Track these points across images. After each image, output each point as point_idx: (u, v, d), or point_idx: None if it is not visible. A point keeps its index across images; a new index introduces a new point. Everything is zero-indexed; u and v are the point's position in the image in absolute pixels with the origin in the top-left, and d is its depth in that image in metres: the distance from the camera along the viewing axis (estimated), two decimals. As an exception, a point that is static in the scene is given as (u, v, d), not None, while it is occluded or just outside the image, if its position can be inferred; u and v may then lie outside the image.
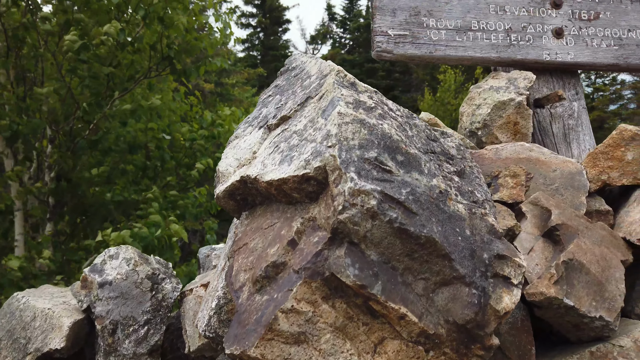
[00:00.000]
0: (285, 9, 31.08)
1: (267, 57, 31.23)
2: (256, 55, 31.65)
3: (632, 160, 1.65)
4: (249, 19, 31.28)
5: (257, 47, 31.70)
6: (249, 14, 30.98)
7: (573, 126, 2.23)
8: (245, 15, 30.95)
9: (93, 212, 6.79)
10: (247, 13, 30.91)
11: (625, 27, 2.33)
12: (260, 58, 31.37)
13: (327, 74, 1.33)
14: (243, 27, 31.45)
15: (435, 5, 2.27)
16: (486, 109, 2.11)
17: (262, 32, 31.40)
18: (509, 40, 2.27)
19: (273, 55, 31.11)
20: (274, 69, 30.95)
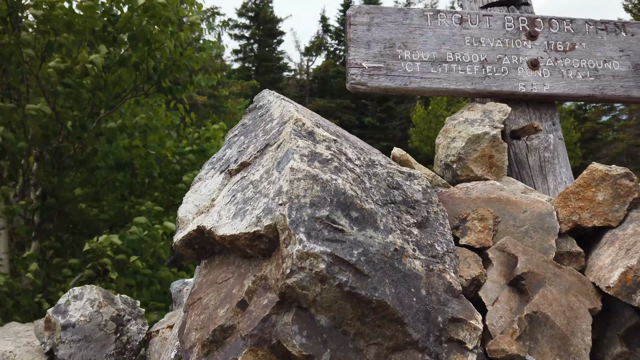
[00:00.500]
0: (279, 21, 31.28)
1: (261, 69, 31.35)
2: (250, 67, 31.76)
3: (603, 201, 1.63)
4: (243, 31, 31.44)
5: (251, 58, 31.82)
6: (242, 26, 31.15)
7: (549, 158, 2.22)
8: (239, 27, 31.11)
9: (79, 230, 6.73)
10: (241, 24, 31.08)
11: (601, 58, 2.33)
12: (255, 69, 31.48)
13: (286, 121, 1.30)
14: (236, 39, 31.58)
15: (410, 37, 2.25)
16: (461, 143, 2.09)
17: (256, 43, 31.55)
18: (484, 72, 2.26)
19: (267, 67, 31.24)
20: (268, 81, 31.08)
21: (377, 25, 2.25)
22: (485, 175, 2.11)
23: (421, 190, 1.47)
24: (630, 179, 1.63)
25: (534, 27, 2.33)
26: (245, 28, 31.52)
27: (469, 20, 2.31)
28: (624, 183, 1.62)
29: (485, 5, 2.48)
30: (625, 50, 2.35)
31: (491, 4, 2.47)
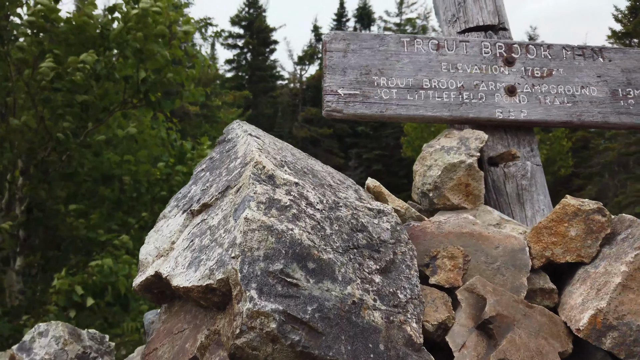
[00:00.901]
0: (272, 30, 31.38)
1: (254, 78, 31.40)
2: (243, 76, 31.80)
3: (576, 237, 1.61)
4: (236, 40, 31.51)
5: (244, 67, 31.87)
6: (235, 35, 31.23)
7: (526, 186, 2.20)
8: (232, 36, 31.18)
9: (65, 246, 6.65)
10: (234, 34, 31.17)
11: (578, 84, 2.32)
12: (248, 78, 31.52)
13: (247, 162, 1.27)
14: (230, 48, 31.65)
15: (386, 64, 2.24)
16: (437, 171, 2.07)
17: (249, 52, 31.61)
18: (461, 99, 2.24)
19: (260, 76, 31.30)
20: (261, 90, 31.10)
21: (353, 51, 2.23)
22: (462, 204, 2.09)
23: (390, 229, 1.44)
24: (602, 214, 1.61)
25: (511, 53, 2.32)
26: (239, 37, 31.60)
27: (445, 46, 2.30)
28: (596, 218, 1.60)
29: (464, 30, 2.48)
30: (603, 75, 2.35)
31: (469, 29, 2.47)
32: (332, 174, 1.75)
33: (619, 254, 1.47)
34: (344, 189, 1.59)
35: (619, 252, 1.48)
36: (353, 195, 1.58)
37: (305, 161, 1.65)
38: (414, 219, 1.82)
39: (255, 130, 1.64)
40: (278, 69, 33.40)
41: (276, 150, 1.51)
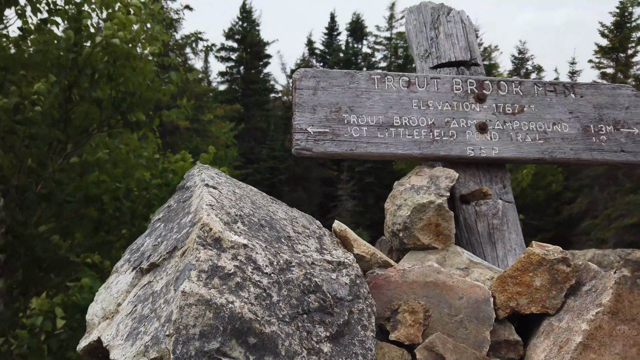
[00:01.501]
0: (265, 44, 31.54)
1: (247, 91, 31.45)
2: (237, 89, 31.85)
3: (540, 287, 1.58)
4: (229, 53, 31.60)
5: (238, 80, 31.94)
6: (229, 48, 31.33)
7: (497, 225, 2.17)
8: (226, 49, 31.28)
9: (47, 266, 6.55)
10: (228, 47, 31.25)
11: (550, 121, 2.31)
12: (241, 91, 31.56)
13: (196, 222, 1.23)
14: (223, 61, 31.73)
15: (356, 101, 2.22)
16: (406, 211, 2.04)
17: (242, 66, 31.70)
18: (432, 136, 2.23)
19: (253, 89, 31.36)
20: (254, 103, 31.15)
21: (323, 89, 2.22)
22: (432, 244, 2.06)
23: (348, 284, 1.40)
24: (567, 264, 1.58)
25: (482, 89, 2.31)
26: (232, 51, 31.71)
27: (416, 83, 2.28)
28: (561, 268, 1.58)
29: (436, 65, 2.47)
30: (574, 112, 2.34)
31: (441, 64, 2.46)
32: (296, 219, 1.72)
33: (582, 309, 1.44)
34: (305, 238, 1.56)
35: (581, 307, 1.45)
36: (314, 245, 1.55)
37: (267, 209, 1.61)
38: (380, 265, 1.79)
39: (214, 178, 1.60)
40: (271, 82, 33.51)
41: (234, 201, 1.47)
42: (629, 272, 1.58)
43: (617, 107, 2.38)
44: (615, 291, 1.37)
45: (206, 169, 1.71)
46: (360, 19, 31.76)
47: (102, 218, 5.86)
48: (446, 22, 2.51)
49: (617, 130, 2.34)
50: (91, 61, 4.52)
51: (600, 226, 19.87)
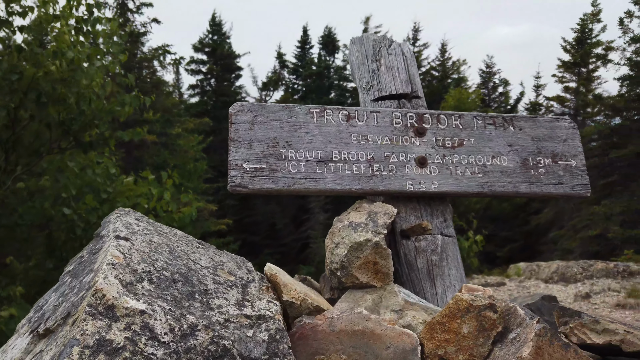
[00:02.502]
0: (237, 57, 31.43)
1: (218, 103, 31.21)
2: (207, 101, 31.57)
3: (468, 334, 1.55)
4: (200, 66, 31.35)
5: (209, 93, 31.67)
6: (199, 61, 31.08)
7: (436, 262, 2.15)
8: (196, 62, 31.01)
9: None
10: (198, 60, 31.00)
11: (489, 154, 2.32)
12: (212, 104, 31.30)
13: (92, 285, 1.15)
14: (193, 74, 31.44)
15: (295, 136, 2.18)
16: (343, 250, 2.00)
17: (213, 78, 31.48)
18: (371, 171, 2.20)
19: (224, 102, 31.14)
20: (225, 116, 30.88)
21: (260, 123, 2.17)
22: (371, 282, 2.02)
23: (267, 340, 1.34)
24: (494, 310, 1.56)
25: (422, 123, 2.30)
26: (202, 63, 31.48)
27: (356, 117, 2.26)
28: (488, 315, 1.56)
29: (377, 98, 2.46)
30: (514, 145, 2.36)
31: (383, 97, 2.45)
32: (222, 265, 1.65)
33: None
34: (226, 289, 1.49)
35: (505, 357, 1.43)
36: (235, 297, 1.49)
37: (187, 258, 1.54)
38: (311, 311, 1.73)
39: (129, 227, 1.52)
40: (243, 95, 33.35)
41: (147, 253, 1.40)
42: (555, 318, 1.57)
43: (556, 140, 2.41)
44: (535, 343, 1.35)
45: (125, 215, 1.63)
46: (332, 32, 32.05)
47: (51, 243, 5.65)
48: (387, 54, 2.51)
49: (555, 163, 2.37)
50: (36, 84, 4.36)
51: (566, 236, 20.38)
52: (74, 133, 4.93)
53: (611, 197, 19.02)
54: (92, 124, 5.04)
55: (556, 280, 9.53)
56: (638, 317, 5.39)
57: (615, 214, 17.78)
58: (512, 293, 6.58)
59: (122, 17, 19.17)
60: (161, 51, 18.47)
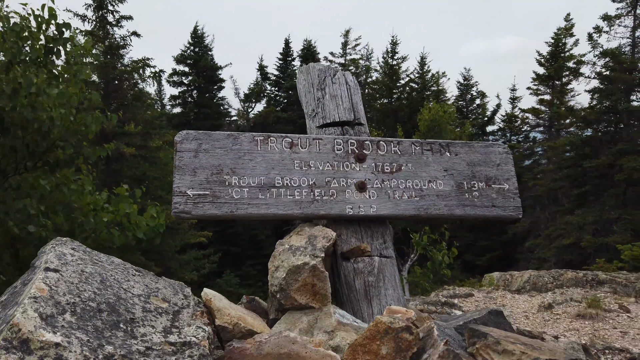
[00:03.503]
0: (218, 68, 31.48)
1: (200, 115, 31.18)
2: (189, 112, 31.51)
3: (386, 355, 1.65)
4: (182, 77, 31.32)
5: (191, 104, 31.63)
6: (181, 73, 31.05)
7: (373, 282, 2.26)
8: (178, 74, 30.98)
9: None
10: (179, 71, 30.98)
11: (426, 179, 2.45)
12: (194, 115, 31.25)
13: (10, 319, 1.22)
14: (175, 85, 31.38)
15: (238, 163, 2.27)
16: (282, 273, 2.09)
17: (195, 90, 31.45)
18: (312, 196, 2.30)
19: (206, 113, 31.13)
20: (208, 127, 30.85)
21: (205, 151, 2.26)
22: (310, 303, 2.12)
23: (190, 368, 1.42)
24: (410, 332, 1.67)
25: (362, 149, 2.42)
26: (184, 75, 31.45)
27: (299, 144, 2.37)
28: (404, 336, 1.66)
29: (322, 125, 2.57)
30: (449, 169, 2.49)
31: (327, 124, 2.56)
32: (157, 292, 1.73)
33: (413, 380, 1.51)
34: (155, 317, 1.57)
35: (415, 377, 1.53)
36: (164, 324, 1.56)
37: (118, 287, 1.61)
38: (244, 334, 1.82)
39: (62, 257, 1.59)
40: (225, 106, 33.37)
41: (75, 284, 1.47)
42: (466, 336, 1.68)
43: (490, 164, 2.54)
44: (438, 364, 1.45)
45: (60, 245, 1.70)
46: (312, 45, 32.33)
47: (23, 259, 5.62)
48: (332, 83, 2.63)
49: (488, 187, 2.50)
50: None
51: (541, 245, 20.76)
52: (39, 155, 4.95)
53: (584, 207, 19.47)
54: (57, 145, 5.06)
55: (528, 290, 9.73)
56: (596, 327, 5.57)
57: (588, 224, 18.20)
58: (479, 304, 6.73)
59: (101, 30, 19.13)
60: (141, 64, 18.45)
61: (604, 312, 5.91)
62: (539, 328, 5.60)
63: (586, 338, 5.12)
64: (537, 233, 22.20)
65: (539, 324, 5.76)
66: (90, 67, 5.96)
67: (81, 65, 5.24)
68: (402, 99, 30.23)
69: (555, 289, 8.90)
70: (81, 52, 5.91)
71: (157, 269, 15.04)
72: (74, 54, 5.88)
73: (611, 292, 8.21)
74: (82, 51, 5.92)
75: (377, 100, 31.15)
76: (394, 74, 30.19)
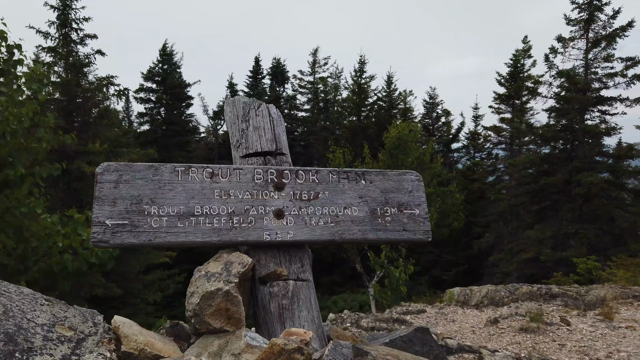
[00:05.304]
0: (187, 86, 31.45)
1: (168, 132, 30.96)
2: (157, 130, 31.25)
3: (280, 375, 1.77)
4: (149, 94, 31.12)
5: (159, 121, 31.39)
6: (148, 89, 30.87)
7: (287, 305, 2.38)
8: (145, 91, 30.77)
9: None
10: (147, 88, 30.79)
11: (342, 205, 2.60)
12: (162, 132, 31.01)
13: None
14: (143, 102, 31.15)
15: (158, 193, 2.38)
16: (196, 299, 2.19)
17: (162, 107, 31.27)
18: (231, 224, 2.42)
19: (174, 130, 30.95)
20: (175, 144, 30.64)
21: (125, 182, 2.35)
22: (224, 327, 2.22)
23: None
24: (301, 353, 1.80)
25: (281, 178, 2.56)
26: (152, 92, 31.25)
27: (219, 174, 2.49)
28: (296, 357, 1.79)
29: (245, 155, 2.71)
30: (364, 196, 2.66)
31: (249, 154, 2.70)
32: (63, 321, 1.80)
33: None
34: (55, 345, 1.65)
35: (300, 395, 1.66)
36: (63, 352, 1.64)
37: (20, 318, 1.69)
38: (150, 359, 1.91)
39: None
40: (194, 123, 33.24)
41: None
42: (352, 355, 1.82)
43: (402, 191, 2.73)
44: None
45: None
46: (281, 63, 32.71)
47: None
48: (255, 115, 2.78)
49: (400, 212, 2.68)
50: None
51: (504, 260, 21.33)
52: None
53: (544, 222, 20.17)
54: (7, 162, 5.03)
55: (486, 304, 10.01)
56: (537, 340, 5.81)
57: (547, 238, 18.84)
58: (431, 320, 6.91)
59: (65, 48, 18.93)
60: (105, 82, 18.30)
61: (545, 326, 6.17)
62: (483, 342, 5.80)
63: (525, 351, 5.35)
64: (500, 248, 22.83)
65: (484, 339, 5.96)
66: (44, 90, 5.93)
67: (37, 86, 5.25)
68: (371, 117, 30.81)
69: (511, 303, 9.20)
70: (32, 76, 5.92)
71: (119, 290, 14.75)
72: (26, 77, 5.89)
73: (562, 305, 8.55)
74: (33, 75, 5.93)
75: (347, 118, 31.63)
76: (363, 93, 30.80)
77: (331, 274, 25.32)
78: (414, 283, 22.67)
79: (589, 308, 7.70)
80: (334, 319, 6.55)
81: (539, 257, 18.55)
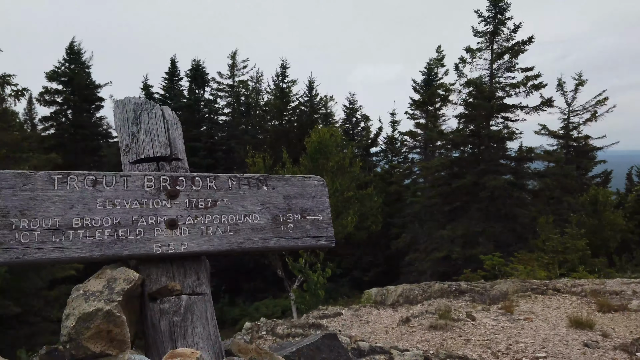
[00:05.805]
0: (97, 87, 29.48)
1: (77, 136, 28.80)
2: (64, 134, 28.94)
3: (162, 402, 1.62)
4: (55, 96, 28.76)
5: (65, 125, 29.10)
6: (53, 91, 28.51)
7: (179, 322, 2.22)
8: (50, 92, 28.38)
9: None
10: (52, 90, 28.42)
11: (241, 213, 2.49)
12: (69, 137, 28.76)
13: None
14: (47, 104, 28.69)
15: (29, 204, 2.11)
16: (72, 321, 1.97)
17: (69, 109, 29.04)
18: (116, 236, 2.21)
19: (83, 134, 28.87)
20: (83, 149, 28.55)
21: (-12, 192, 2.06)
22: (106, 351, 2.01)
23: None
24: (187, 375, 1.66)
25: (175, 185, 2.39)
26: (58, 93, 28.91)
27: (104, 182, 2.27)
28: (180, 381, 1.65)
29: (135, 160, 2.50)
30: (266, 203, 2.56)
31: (140, 160, 2.50)
32: None
33: None
34: None
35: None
36: None
37: None
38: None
39: None
40: (105, 127, 31.22)
41: None
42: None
43: (306, 197, 2.67)
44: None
45: None
46: (200, 65, 31.80)
47: None
48: (147, 118, 2.59)
49: (304, 218, 2.62)
50: None
51: (419, 259, 22.32)
52: None
53: (455, 221, 21.39)
54: None
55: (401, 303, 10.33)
56: (445, 337, 6.06)
57: (458, 237, 19.98)
58: (346, 323, 6.97)
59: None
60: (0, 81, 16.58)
61: (452, 322, 6.46)
62: (395, 342, 5.94)
63: (434, 349, 5.55)
64: (416, 247, 23.86)
65: (396, 338, 6.11)
66: None
67: None
68: (293, 121, 30.88)
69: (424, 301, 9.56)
70: None
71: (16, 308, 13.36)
72: None
73: (470, 300, 9.03)
74: None
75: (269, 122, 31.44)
76: (285, 97, 30.79)
77: (253, 280, 24.94)
78: (336, 285, 22.99)
79: (493, 302, 8.21)
80: (249, 328, 6.38)
81: (451, 256, 19.62)
